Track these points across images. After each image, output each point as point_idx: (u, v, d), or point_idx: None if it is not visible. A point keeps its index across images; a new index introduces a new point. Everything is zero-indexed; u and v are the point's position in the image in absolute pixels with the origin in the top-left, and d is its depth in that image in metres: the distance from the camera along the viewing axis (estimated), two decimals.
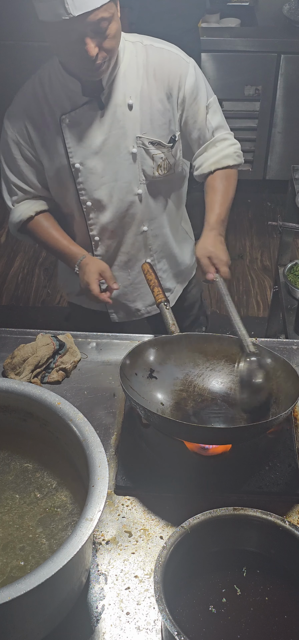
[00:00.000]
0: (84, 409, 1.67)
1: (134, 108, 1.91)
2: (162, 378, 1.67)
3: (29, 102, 1.94)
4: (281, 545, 1.22)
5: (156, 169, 1.98)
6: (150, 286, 1.86)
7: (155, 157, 1.96)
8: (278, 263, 3.07)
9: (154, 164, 1.97)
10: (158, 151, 1.95)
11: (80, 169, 1.95)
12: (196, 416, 1.61)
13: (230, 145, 2.01)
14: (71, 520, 1.30)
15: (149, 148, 1.94)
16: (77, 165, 1.94)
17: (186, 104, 1.94)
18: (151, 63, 1.91)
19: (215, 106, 2.01)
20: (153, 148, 1.94)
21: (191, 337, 1.74)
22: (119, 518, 1.45)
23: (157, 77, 1.90)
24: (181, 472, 1.51)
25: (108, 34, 1.74)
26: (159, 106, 1.92)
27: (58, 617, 1.18)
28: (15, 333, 1.95)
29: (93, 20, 1.69)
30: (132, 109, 1.91)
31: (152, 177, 1.99)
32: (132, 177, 1.97)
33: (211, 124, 1.98)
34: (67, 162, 1.95)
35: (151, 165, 1.97)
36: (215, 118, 2.00)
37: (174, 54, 1.94)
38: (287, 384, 1.58)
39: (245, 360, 1.62)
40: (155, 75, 1.90)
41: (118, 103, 1.90)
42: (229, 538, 1.24)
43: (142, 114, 1.92)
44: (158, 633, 1.24)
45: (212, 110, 1.99)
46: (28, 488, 1.37)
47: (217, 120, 2.00)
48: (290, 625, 1.15)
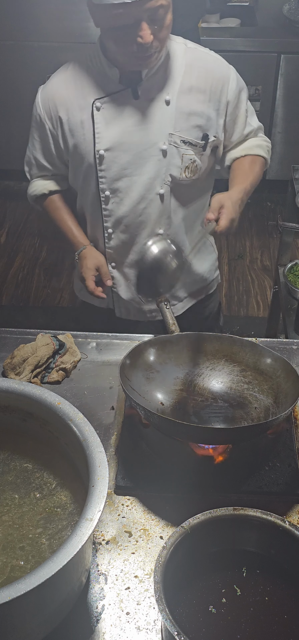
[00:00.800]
0: (84, 409, 1.67)
1: (171, 104, 1.90)
2: (162, 378, 1.67)
3: (63, 83, 1.95)
4: (281, 545, 1.22)
5: (183, 170, 1.96)
6: None
7: (184, 157, 1.94)
8: (278, 263, 3.07)
9: (182, 165, 1.95)
10: (189, 151, 1.94)
11: (104, 156, 1.93)
12: (196, 416, 1.61)
13: (264, 140, 2.08)
14: (71, 520, 1.30)
15: (180, 147, 1.93)
16: (101, 152, 1.93)
17: (228, 109, 1.96)
18: (194, 65, 1.92)
19: (252, 109, 2.07)
20: (184, 147, 1.93)
21: (191, 336, 1.74)
22: (119, 518, 1.45)
23: (200, 79, 1.91)
24: (181, 472, 1.51)
25: (164, 23, 1.75)
26: (196, 107, 1.92)
27: (58, 617, 1.18)
28: (15, 333, 1.95)
29: (152, 7, 1.69)
30: (168, 105, 1.91)
31: (178, 178, 1.97)
32: (157, 175, 1.96)
33: (252, 126, 2.04)
34: (93, 148, 1.94)
35: (178, 165, 1.95)
36: (254, 120, 2.07)
37: (218, 59, 1.97)
38: (287, 384, 1.58)
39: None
40: (197, 77, 1.91)
41: (155, 97, 1.90)
42: (229, 538, 1.24)
43: (179, 111, 1.91)
44: (158, 633, 1.24)
45: (251, 112, 2.06)
46: (28, 488, 1.37)
47: (257, 121, 2.08)
48: (290, 625, 1.15)
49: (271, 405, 1.59)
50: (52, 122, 1.97)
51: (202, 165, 1.99)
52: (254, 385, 1.65)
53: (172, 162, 1.94)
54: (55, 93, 1.96)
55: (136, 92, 1.88)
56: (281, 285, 2.92)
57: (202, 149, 1.96)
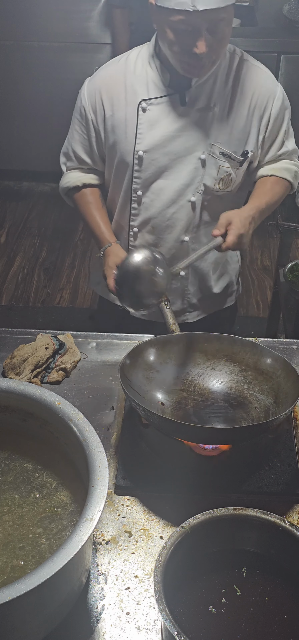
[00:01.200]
0: (84, 409, 1.67)
1: (216, 115, 1.90)
2: (163, 378, 1.67)
3: (111, 79, 1.95)
4: (281, 545, 1.22)
5: (218, 181, 1.95)
6: None
7: (221, 169, 1.94)
8: (278, 263, 3.07)
9: (217, 176, 1.94)
10: (226, 164, 1.93)
11: (143, 157, 1.93)
12: (197, 416, 1.61)
13: (293, 164, 2.04)
14: (71, 520, 1.30)
15: (219, 158, 1.92)
16: (140, 153, 1.93)
17: (269, 126, 1.95)
18: (243, 77, 1.91)
19: (291, 130, 2.04)
20: (222, 159, 1.93)
21: (191, 336, 1.74)
22: (119, 518, 1.45)
23: (246, 92, 1.91)
24: (181, 472, 1.51)
25: (222, 36, 1.74)
26: (240, 120, 1.91)
27: (58, 617, 1.18)
28: (15, 333, 1.95)
29: (213, 19, 1.69)
30: (213, 115, 1.90)
31: (211, 189, 1.96)
32: (192, 182, 1.95)
33: (287, 148, 2.02)
34: (133, 148, 1.93)
35: (214, 176, 1.94)
36: (290, 142, 2.04)
37: (266, 75, 1.97)
38: (287, 384, 1.58)
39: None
40: (243, 90, 1.91)
41: (201, 105, 1.89)
42: (229, 538, 1.24)
43: (222, 123, 1.90)
44: (158, 633, 1.23)
45: (290, 134, 2.03)
46: (28, 488, 1.37)
47: (292, 145, 2.04)
48: (290, 625, 1.15)
49: (271, 405, 1.59)
50: (97, 115, 1.96)
51: (236, 179, 1.98)
52: (254, 385, 1.65)
53: (208, 172, 1.94)
54: (102, 87, 1.95)
55: (184, 99, 1.88)
56: (281, 285, 2.92)
57: (240, 163, 1.95)
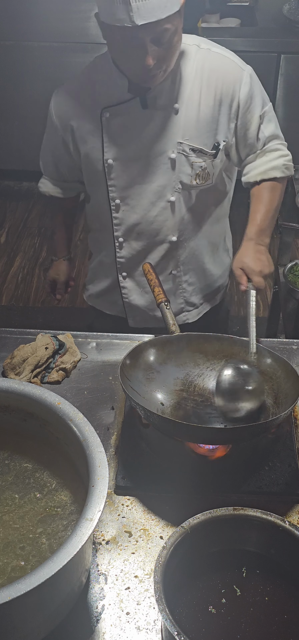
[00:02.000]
0: (84, 409, 1.67)
1: (180, 113, 1.87)
2: (163, 378, 1.67)
3: (76, 89, 1.95)
4: (281, 545, 1.22)
5: (193, 177, 1.93)
6: (150, 286, 1.86)
7: (194, 165, 1.91)
8: (278, 263, 3.07)
9: (192, 172, 1.92)
10: (199, 159, 1.91)
11: (112, 165, 1.93)
12: (196, 416, 1.61)
13: (280, 156, 1.98)
14: (71, 520, 1.30)
15: (190, 155, 1.90)
16: (110, 161, 1.92)
17: (239, 112, 1.90)
18: (205, 68, 1.87)
19: (270, 115, 1.98)
20: (194, 155, 1.90)
21: (192, 337, 1.74)
22: (119, 518, 1.45)
23: (210, 83, 1.87)
24: (181, 472, 1.51)
25: (168, 45, 1.71)
26: (206, 113, 1.88)
27: (58, 617, 1.18)
28: (15, 333, 1.95)
29: (156, 31, 1.66)
30: (177, 114, 1.88)
31: (189, 185, 1.94)
32: (168, 182, 1.94)
33: (263, 134, 1.95)
34: (102, 157, 1.93)
35: (188, 173, 1.92)
36: (268, 127, 1.97)
37: (230, 61, 1.91)
38: (287, 384, 1.58)
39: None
40: (208, 81, 1.87)
41: (164, 105, 1.87)
42: (229, 538, 1.24)
43: (187, 119, 1.88)
44: (158, 633, 1.24)
45: (267, 119, 1.96)
46: (28, 488, 1.37)
47: (271, 129, 1.98)
48: (290, 625, 1.15)
49: (271, 405, 1.59)
50: (65, 129, 1.97)
51: (214, 171, 1.96)
52: None
53: (182, 170, 1.92)
54: (66, 101, 1.95)
55: (145, 102, 1.86)
56: (281, 285, 2.92)
57: (213, 156, 1.92)
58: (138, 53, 1.69)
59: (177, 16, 1.70)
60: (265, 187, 1.95)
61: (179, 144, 1.89)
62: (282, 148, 2.00)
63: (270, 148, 1.97)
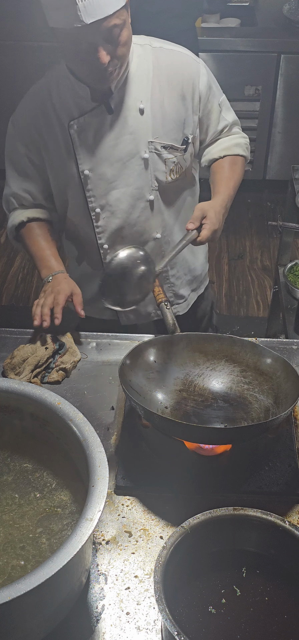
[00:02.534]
0: (84, 409, 1.67)
1: (146, 112, 1.88)
2: (162, 378, 1.67)
3: (36, 108, 1.92)
4: (281, 545, 1.22)
5: (168, 173, 1.95)
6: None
7: (167, 161, 1.93)
8: (278, 263, 3.07)
9: (166, 169, 1.94)
10: (171, 155, 1.93)
11: (89, 175, 1.92)
12: (196, 416, 1.61)
13: (241, 137, 2.05)
14: (71, 520, 1.30)
15: (162, 152, 1.91)
16: (86, 172, 1.91)
17: (201, 104, 1.94)
18: (162, 66, 1.89)
19: (227, 103, 2.03)
20: (166, 152, 1.92)
21: (191, 337, 1.74)
22: (119, 518, 1.45)
23: (170, 80, 1.89)
24: (181, 472, 1.51)
25: (120, 40, 1.71)
26: (171, 109, 1.90)
27: (58, 617, 1.18)
28: (15, 333, 1.95)
29: (106, 28, 1.66)
30: (143, 114, 1.88)
31: (164, 182, 1.96)
32: (144, 183, 1.94)
33: (226, 120, 2.01)
34: (76, 169, 1.92)
35: (163, 170, 1.94)
36: (229, 114, 2.03)
37: (185, 55, 1.94)
38: (287, 384, 1.58)
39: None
40: (167, 78, 1.89)
41: (128, 107, 1.87)
42: (229, 538, 1.24)
43: (154, 118, 1.89)
44: (158, 633, 1.24)
45: (226, 107, 2.02)
46: (28, 488, 1.37)
47: (232, 116, 2.04)
48: (290, 625, 1.15)
49: (271, 405, 1.59)
50: (29, 148, 1.93)
51: (186, 164, 1.99)
52: (254, 385, 1.65)
53: (157, 168, 1.94)
54: (29, 121, 1.92)
55: (110, 107, 1.85)
56: (281, 285, 2.92)
57: (184, 150, 1.95)
58: (91, 53, 1.69)
59: (124, 10, 1.70)
60: (227, 161, 1.99)
61: (150, 143, 1.91)
62: (241, 132, 2.07)
63: (232, 132, 2.05)
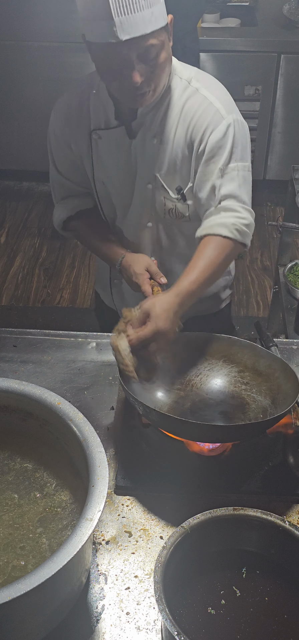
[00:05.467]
0: (84, 409, 1.67)
1: (161, 146, 1.83)
2: (161, 377, 1.67)
3: (73, 104, 1.91)
4: (281, 545, 1.22)
5: (167, 212, 1.88)
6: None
7: (166, 201, 1.87)
8: (278, 263, 3.07)
9: (165, 208, 1.88)
10: (168, 199, 1.86)
11: (102, 186, 1.93)
12: (194, 416, 1.61)
13: (232, 216, 1.75)
14: (71, 520, 1.30)
15: (161, 191, 1.86)
16: (98, 182, 1.92)
17: (203, 159, 1.76)
18: (190, 109, 1.78)
19: (234, 174, 1.76)
20: (165, 192, 1.86)
21: (190, 336, 1.73)
22: (119, 518, 1.45)
23: (185, 121, 1.79)
24: (181, 472, 1.51)
25: (156, 62, 1.65)
26: (177, 152, 1.81)
27: (58, 617, 1.18)
28: (15, 333, 1.95)
29: (141, 47, 1.61)
30: (158, 147, 1.83)
31: (163, 218, 1.92)
32: (145, 210, 1.92)
33: (219, 192, 1.75)
34: (93, 176, 1.93)
35: (161, 207, 1.89)
36: (228, 186, 1.75)
37: (212, 106, 1.76)
38: (286, 385, 1.58)
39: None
40: (183, 119, 1.79)
41: (147, 136, 1.83)
42: (229, 538, 1.24)
43: (162, 154, 1.83)
44: (158, 633, 1.24)
45: (229, 178, 1.75)
46: (28, 488, 1.37)
47: (230, 189, 1.75)
48: (290, 625, 1.15)
49: (269, 406, 1.59)
50: (65, 143, 1.93)
51: (188, 212, 1.87)
52: (252, 386, 1.65)
53: (158, 201, 1.89)
54: (65, 117, 1.92)
55: (131, 130, 1.82)
56: (281, 285, 2.93)
57: (182, 199, 1.85)
58: (125, 71, 1.64)
59: (163, 32, 1.65)
60: (208, 243, 1.73)
61: (155, 178, 1.86)
62: (239, 210, 1.76)
63: (226, 207, 1.76)
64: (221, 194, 1.75)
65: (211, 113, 1.75)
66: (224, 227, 1.73)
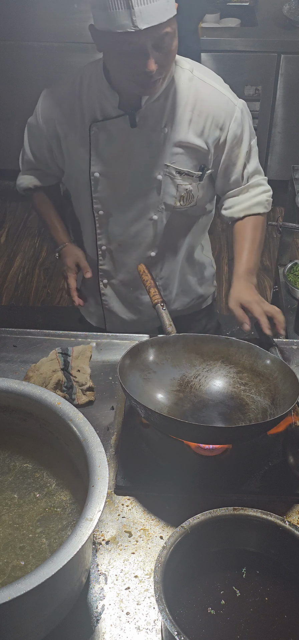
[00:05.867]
0: (84, 409, 1.67)
1: (168, 135, 1.86)
2: (159, 378, 1.67)
3: (65, 100, 1.92)
4: (281, 545, 1.22)
5: (178, 199, 1.93)
6: (146, 287, 1.86)
7: (179, 187, 1.91)
8: (278, 263, 3.07)
9: (176, 194, 1.92)
10: (185, 182, 1.91)
11: (99, 178, 1.92)
12: (193, 417, 1.61)
13: (263, 192, 1.98)
14: (71, 520, 1.30)
15: (175, 177, 1.90)
16: (96, 175, 1.91)
17: (226, 147, 1.90)
18: (197, 97, 1.85)
19: (254, 150, 1.97)
20: (179, 178, 1.90)
21: (188, 337, 1.73)
22: (119, 518, 1.45)
23: (201, 113, 1.85)
24: (181, 472, 1.51)
25: (169, 50, 1.69)
26: (194, 139, 1.87)
27: (58, 617, 1.18)
28: (15, 333, 1.95)
29: (158, 35, 1.64)
30: (165, 136, 1.86)
31: (172, 207, 1.95)
32: (151, 202, 1.93)
33: (247, 170, 1.95)
34: (88, 169, 1.92)
35: (173, 194, 1.92)
36: (252, 163, 1.97)
37: (223, 96, 1.89)
38: (284, 385, 1.58)
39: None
40: (198, 110, 1.85)
41: (152, 126, 1.85)
42: (229, 538, 1.24)
43: (175, 143, 1.87)
44: (158, 633, 1.24)
45: (253, 155, 1.97)
46: (28, 488, 1.37)
47: (254, 165, 1.97)
48: (290, 625, 1.15)
49: (269, 406, 1.58)
50: (50, 134, 1.96)
51: (199, 194, 1.96)
52: (251, 387, 1.65)
53: (167, 192, 1.92)
54: (54, 108, 1.93)
55: (134, 120, 1.84)
56: (281, 285, 2.93)
57: (199, 179, 1.93)
58: (139, 59, 1.67)
59: (175, 20, 1.69)
60: (249, 224, 1.95)
61: (166, 167, 1.88)
62: (264, 183, 2.00)
63: (253, 184, 1.97)
64: (249, 172, 1.95)
65: (224, 102, 1.87)
66: (261, 205, 1.97)
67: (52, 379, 1.68)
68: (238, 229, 1.96)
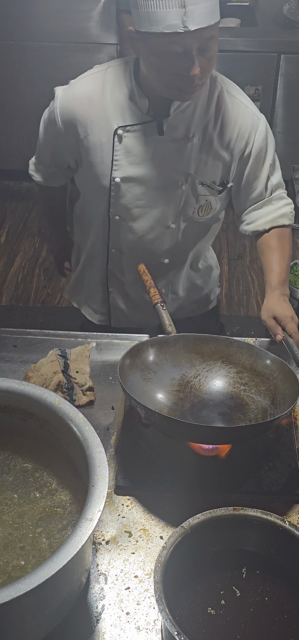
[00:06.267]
0: (84, 409, 1.67)
1: (194, 146, 1.85)
2: (159, 378, 1.67)
3: (86, 100, 1.85)
4: (281, 545, 1.22)
5: (197, 209, 1.93)
6: (146, 287, 1.85)
7: (200, 197, 1.91)
8: None
9: (196, 205, 1.92)
10: (205, 193, 1.90)
11: (120, 184, 1.88)
12: (193, 417, 1.61)
13: (286, 204, 1.98)
14: (71, 520, 1.30)
15: (197, 188, 1.89)
16: (117, 180, 1.88)
17: (251, 160, 1.89)
18: (224, 109, 1.84)
19: (277, 163, 1.97)
20: (202, 189, 1.89)
21: (188, 337, 1.73)
22: (119, 518, 1.45)
23: (225, 124, 1.85)
24: (181, 472, 1.51)
25: (212, 55, 1.67)
26: (220, 151, 1.87)
27: (58, 617, 1.18)
28: (15, 333, 1.95)
29: (204, 38, 1.62)
30: (191, 146, 1.84)
31: (190, 217, 1.94)
32: (171, 211, 1.92)
33: (271, 182, 1.94)
34: (109, 173, 1.88)
35: (193, 204, 1.92)
36: (276, 176, 1.97)
37: (248, 109, 1.88)
38: (284, 385, 1.58)
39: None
40: (223, 122, 1.85)
41: (179, 135, 1.83)
42: (229, 538, 1.24)
43: (201, 154, 1.86)
44: (158, 633, 1.24)
45: (275, 168, 1.96)
46: (28, 488, 1.37)
47: (278, 178, 1.97)
48: (290, 625, 1.15)
49: (269, 406, 1.59)
50: (69, 133, 1.89)
51: (216, 206, 1.96)
52: (251, 386, 1.65)
53: (188, 202, 1.91)
54: (77, 107, 1.85)
55: (161, 128, 1.81)
56: None
57: (219, 192, 1.92)
58: (184, 63, 1.63)
59: (218, 25, 1.66)
60: (275, 235, 1.94)
61: (189, 176, 1.87)
62: (286, 197, 2.00)
63: (276, 196, 1.97)
64: (273, 184, 1.95)
65: (249, 116, 1.88)
66: (286, 217, 1.96)
67: (53, 380, 1.69)
68: (264, 241, 1.94)
